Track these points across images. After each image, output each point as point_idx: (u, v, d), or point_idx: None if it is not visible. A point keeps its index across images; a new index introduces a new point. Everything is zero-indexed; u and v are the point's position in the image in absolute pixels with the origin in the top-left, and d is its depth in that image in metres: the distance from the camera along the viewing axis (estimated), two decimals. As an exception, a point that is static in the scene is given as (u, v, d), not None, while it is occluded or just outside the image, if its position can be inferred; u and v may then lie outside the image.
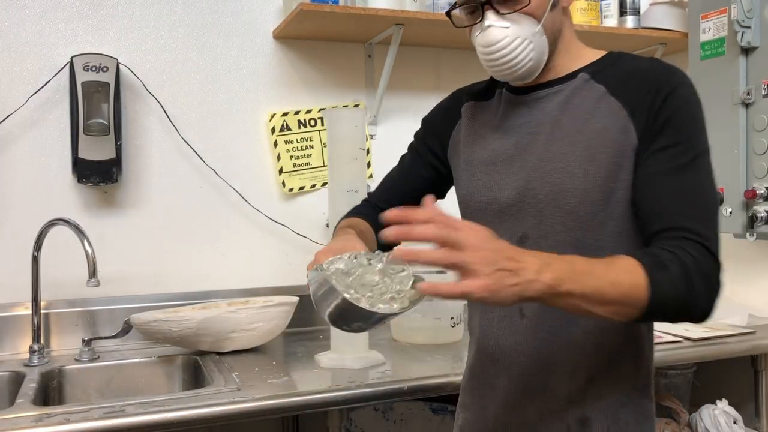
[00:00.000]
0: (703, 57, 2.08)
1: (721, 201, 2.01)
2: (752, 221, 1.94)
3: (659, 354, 1.72)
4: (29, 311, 1.75)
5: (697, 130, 0.99)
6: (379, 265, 0.87)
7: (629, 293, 0.85)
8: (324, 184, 2.13)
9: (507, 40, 0.99)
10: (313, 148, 2.12)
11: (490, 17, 0.99)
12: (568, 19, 1.06)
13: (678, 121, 0.96)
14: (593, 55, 1.07)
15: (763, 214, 1.92)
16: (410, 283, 0.89)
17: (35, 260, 1.71)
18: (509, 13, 0.99)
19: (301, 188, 2.11)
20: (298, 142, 2.10)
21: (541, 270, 0.80)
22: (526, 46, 1.00)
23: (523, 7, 0.98)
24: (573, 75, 1.05)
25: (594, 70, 1.04)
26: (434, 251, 0.78)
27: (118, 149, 1.84)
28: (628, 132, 0.98)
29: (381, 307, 0.85)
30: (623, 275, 0.85)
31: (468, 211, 1.12)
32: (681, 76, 0.99)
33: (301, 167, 2.11)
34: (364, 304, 0.84)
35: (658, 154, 0.96)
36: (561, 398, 1.02)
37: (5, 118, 1.80)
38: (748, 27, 1.93)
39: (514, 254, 0.80)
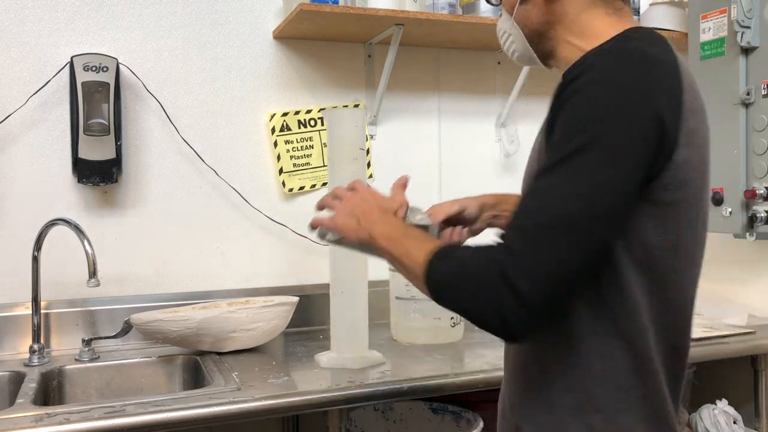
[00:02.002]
0: (703, 57, 2.08)
1: (721, 201, 2.01)
2: (752, 221, 1.94)
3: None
4: (29, 311, 1.76)
5: (583, 122, 0.82)
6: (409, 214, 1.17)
7: (413, 270, 0.92)
8: (324, 184, 2.13)
9: (498, 30, 1.10)
10: (313, 148, 2.12)
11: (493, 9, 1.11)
12: (568, 7, 0.98)
13: (566, 115, 0.85)
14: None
15: (762, 214, 1.92)
16: (417, 218, 1.19)
17: (35, 260, 1.71)
18: (497, 5, 1.09)
19: (301, 188, 2.11)
20: (298, 142, 2.10)
21: (374, 225, 1.02)
22: (507, 38, 1.08)
23: (500, 2, 1.07)
24: None
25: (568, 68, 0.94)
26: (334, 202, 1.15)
27: (118, 149, 1.85)
28: (546, 138, 0.90)
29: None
30: (414, 251, 0.92)
31: None
32: (591, 63, 0.86)
33: (301, 167, 2.11)
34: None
35: (547, 154, 0.87)
36: (507, 404, 1.03)
37: (5, 118, 1.80)
38: (748, 27, 1.93)
39: (369, 209, 1.05)
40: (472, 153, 2.30)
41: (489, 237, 0.95)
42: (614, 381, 0.89)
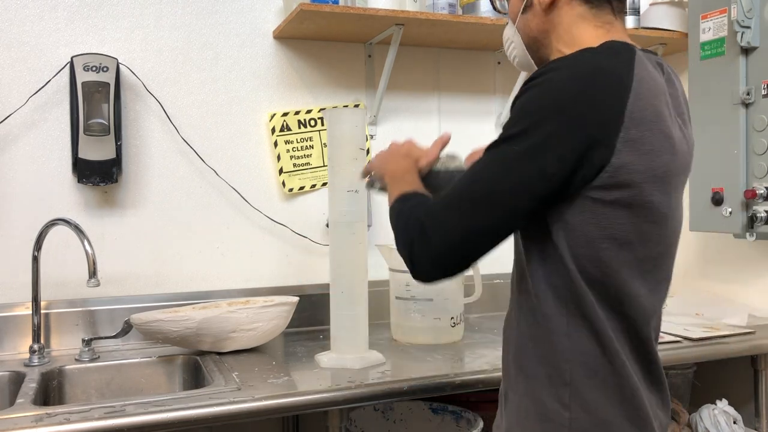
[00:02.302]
0: (703, 57, 2.08)
1: (721, 201, 2.01)
2: (752, 221, 1.94)
3: (659, 354, 1.73)
4: (29, 311, 1.76)
5: (519, 117, 0.94)
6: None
7: (389, 203, 1.14)
8: (324, 184, 2.13)
9: (504, 37, 1.20)
10: (313, 148, 2.12)
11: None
12: (562, 19, 1.06)
13: (513, 109, 0.97)
14: None
15: (762, 214, 1.92)
16: (453, 165, 1.29)
17: (35, 260, 1.71)
18: (504, 14, 1.19)
19: (301, 188, 2.11)
20: (298, 142, 2.10)
21: (389, 164, 1.24)
22: (510, 44, 1.17)
23: (505, 11, 1.17)
24: None
25: None
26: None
27: (118, 149, 1.85)
28: None
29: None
30: (396, 190, 1.14)
31: None
32: (550, 68, 0.95)
33: (301, 167, 2.11)
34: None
35: None
36: (504, 371, 1.12)
37: (5, 118, 1.80)
38: (748, 27, 1.93)
39: (397, 154, 1.26)
40: (472, 153, 2.30)
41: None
42: (580, 358, 0.98)
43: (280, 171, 2.08)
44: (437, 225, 0.97)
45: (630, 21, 2.24)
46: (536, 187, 0.93)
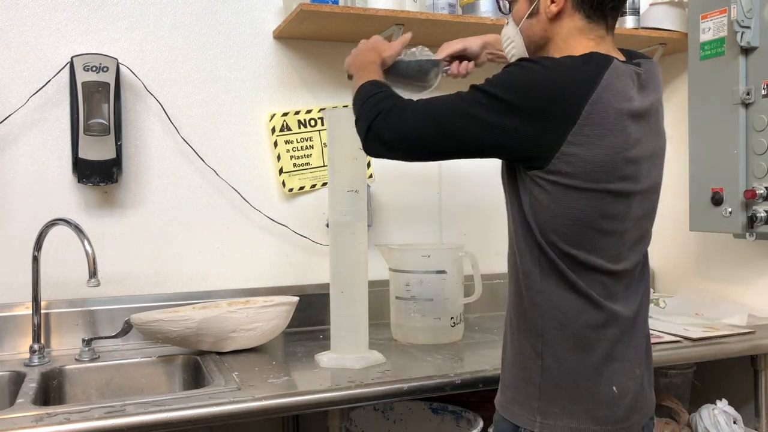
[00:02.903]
0: (702, 57, 2.08)
1: (721, 201, 2.01)
2: (752, 221, 1.94)
3: (659, 354, 1.73)
4: (29, 311, 1.76)
5: (499, 81, 1.13)
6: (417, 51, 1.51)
7: (355, 88, 1.33)
8: (324, 184, 2.13)
9: (503, 35, 1.32)
10: (313, 148, 2.12)
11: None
12: (561, 30, 1.20)
13: (498, 74, 1.15)
14: None
15: (762, 214, 1.92)
16: (424, 54, 1.51)
17: (35, 260, 1.72)
18: (507, 15, 1.31)
19: (301, 188, 2.11)
20: (298, 142, 2.10)
21: (356, 58, 1.44)
22: (510, 43, 1.29)
23: (509, 12, 1.28)
24: None
25: None
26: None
27: (118, 149, 1.85)
28: None
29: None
30: (363, 78, 1.33)
31: None
32: (536, 61, 1.13)
33: (301, 167, 2.11)
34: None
35: None
36: (505, 327, 1.28)
37: (5, 118, 1.80)
38: (748, 27, 1.93)
39: (365, 49, 1.44)
40: (472, 153, 2.29)
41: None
42: (552, 313, 1.14)
43: (280, 171, 2.08)
44: (402, 117, 1.18)
45: (630, 21, 2.24)
46: (480, 135, 1.12)
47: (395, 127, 1.18)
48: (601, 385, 1.13)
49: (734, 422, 1.85)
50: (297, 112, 2.11)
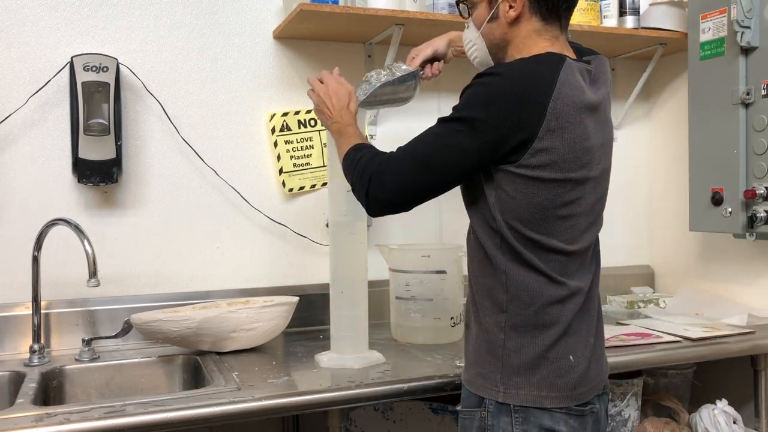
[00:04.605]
0: (702, 57, 2.08)
1: (721, 201, 2.01)
2: (752, 221, 1.94)
3: (659, 354, 1.73)
4: (29, 311, 1.76)
5: (463, 105, 1.22)
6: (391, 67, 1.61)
7: (340, 155, 1.39)
8: (324, 184, 2.13)
9: (464, 38, 1.39)
10: (313, 148, 2.13)
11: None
12: (520, 32, 1.27)
13: (460, 100, 1.24)
14: None
15: (762, 214, 1.92)
16: (402, 69, 1.61)
17: (35, 260, 1.72)
18: (467, 18, 1.37)
19: (301, 188, 2.11)
20: (298, 142, 2.10)
21: (332, 122, 1.47)
22: (471, 46, 1.37)
23: (469, 16, 1.36)
24: None
25: None
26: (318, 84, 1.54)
27: (118, 149, 1.85)
28: None
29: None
30: (345, 145, 1.38)
31: None
32: (492, 70, 1.22)
33: (301, 167, 2.11)
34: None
35: None
36: (466, 305, 1.36)
37: (5, 118, 1.80)
38: (748, 27, 1.93)
39: (332, 107, 1.48)
40: (472, 153, 2.29)
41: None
42: (515, 292, 1.22)
43: (280, 171, 2.08)
44: (391, 173, 1.25)
45: (630, 21, 2.24)
46: (466, 158, 1.20)
47: (387, 185, 1.25)
48: (559, 355, 1.22)
49: (734, 422, 1.85)
50: (297, 112, 2.11)
